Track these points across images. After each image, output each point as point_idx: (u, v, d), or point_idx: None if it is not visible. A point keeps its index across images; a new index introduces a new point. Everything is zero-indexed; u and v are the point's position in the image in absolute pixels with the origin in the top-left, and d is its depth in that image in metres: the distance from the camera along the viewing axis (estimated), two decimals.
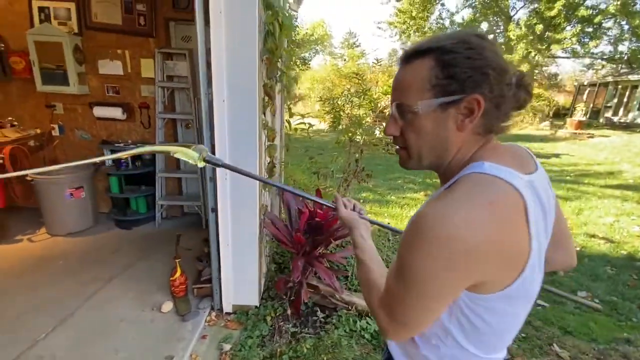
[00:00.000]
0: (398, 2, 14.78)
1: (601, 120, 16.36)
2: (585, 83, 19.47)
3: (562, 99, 19.61)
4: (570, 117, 14.17)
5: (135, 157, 3.20)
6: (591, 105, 17.94)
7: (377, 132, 3.45)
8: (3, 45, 2.95)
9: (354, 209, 0.92)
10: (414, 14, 14.25)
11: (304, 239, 2.05)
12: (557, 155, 7.81)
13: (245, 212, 1.91)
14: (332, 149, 3.07)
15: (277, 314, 2.13)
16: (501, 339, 0.63)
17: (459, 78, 0.54)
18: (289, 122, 3.13)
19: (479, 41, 0.56)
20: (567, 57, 14.61)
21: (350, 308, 2.12)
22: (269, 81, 1.87)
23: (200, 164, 0.89)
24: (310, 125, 2.99)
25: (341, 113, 2.92)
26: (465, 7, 14.86)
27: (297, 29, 12.05)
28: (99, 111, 3.08)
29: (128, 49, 3.02)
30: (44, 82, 2.94)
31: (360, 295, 2.23)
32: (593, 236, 3.68)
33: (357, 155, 2.93)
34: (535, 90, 13.86)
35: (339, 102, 3.02)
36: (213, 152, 1.81)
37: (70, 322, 1.98)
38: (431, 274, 0.51)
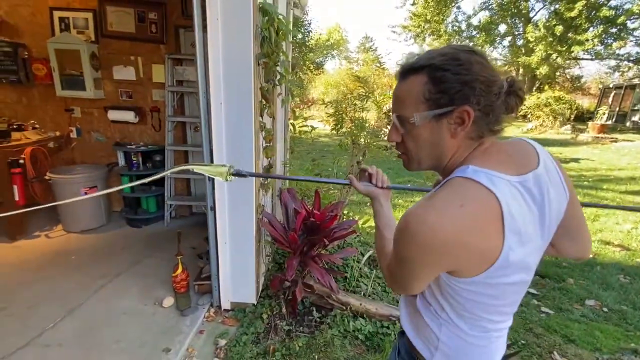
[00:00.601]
0: (413, 5, 14.72)
1: (628, 124, 15.61)
2: (611, 86, 18.68)
3: (586, 102, 18.86)
4: (593, 120, 13.64)
5: (146, 159, 3.33)
6: (617, 108, 17.17)
7: (381, 135, 3.47)
8: (27, 53, 3.15)
9: (370, 181, 0.94)
10: (428, 17, 14.13)
11: (299, 238, 2.09)
12: (576, 160, 7.53)
13: (242, 211, 1.97)
14: (336, 151, 3.10)
15: (274, 313, 2.17)
16: (479, 319, 0.69)
17: (449, 92, 0.61)
18: (293, 125, 3.20)
19: (467, 56, 0.61)
20: (590, 59, 14.08)
21: (345, 308, 2.13)
22: (266, 84, 1.93)
23: (230, 179, 0.98)
24: (313, 127, 3.04)
25: (344, 116, 2.95)
26: (482, 9, 14.62)
27: (310, 34, 12.20)
28: (113, 114, 3.25)
29: (141, 56, 3.17)
30: (63, 88, 3.13)
31: (356, 296, 2.24)
32: (608, 243, 3.54)
33: (360, 158, 2.96)
34: (556, 93, 13.42)
35: (343, 105, 3.05)
36: (211, 153, 1.88)
37: (77, 313, 2.09)
38: (412, 260, 0.62)
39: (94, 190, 3.15)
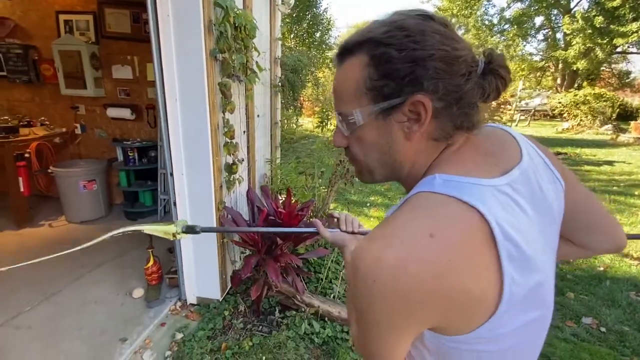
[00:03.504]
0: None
1: None
2: None
3: (637, 100, 17.19)
4: (637, 120, 12.38)
5: (142, 154, 3.46)
6: None
7: None
8: (37, 54, 3.38)
9: (339, 227, 0.82)
10: (455, 11, 13.53)
11: (260, 237, 2.07)
12: (610, 163, 6.87)
13: (201, 208, 1.98)
14: (320, 149, 3.05)
15: (239, 310, 2.17)
16: None
17: (395, 76, 0.44)
18: (282, 123, 3.18)
19: (418, 23, 0.45)
20: (638, 53, 12.78)
21: (304, 309, 2.08)
22: (227, 80, 1.92)
23: (180, 237, 0.93)
24: (298, 125, 3.00)
25: (329, 113, 2.89)
26: (516, 1, 13.75)
27: (329, 32, 12.14)
28: (111, 112, 3.40)
29: (137, 55, 3.29)
30: (66, 87, 3.32)
31: (322, 298, 2.18)
32: (626, 255, 3.19)
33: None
34: (597, 90, 12.35)
35: (329, 102, 2.98)
36: (169, 148, 1.90)
37: (53, 299, 2.21)
38: (375, 322, 0.44)
39: (92, 184, 3.32)
